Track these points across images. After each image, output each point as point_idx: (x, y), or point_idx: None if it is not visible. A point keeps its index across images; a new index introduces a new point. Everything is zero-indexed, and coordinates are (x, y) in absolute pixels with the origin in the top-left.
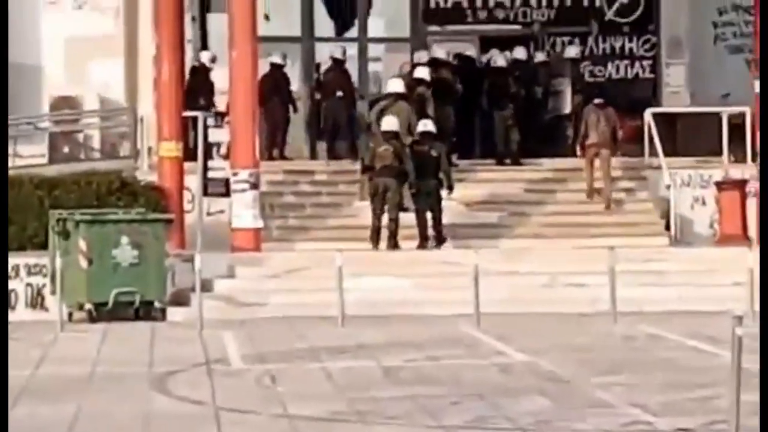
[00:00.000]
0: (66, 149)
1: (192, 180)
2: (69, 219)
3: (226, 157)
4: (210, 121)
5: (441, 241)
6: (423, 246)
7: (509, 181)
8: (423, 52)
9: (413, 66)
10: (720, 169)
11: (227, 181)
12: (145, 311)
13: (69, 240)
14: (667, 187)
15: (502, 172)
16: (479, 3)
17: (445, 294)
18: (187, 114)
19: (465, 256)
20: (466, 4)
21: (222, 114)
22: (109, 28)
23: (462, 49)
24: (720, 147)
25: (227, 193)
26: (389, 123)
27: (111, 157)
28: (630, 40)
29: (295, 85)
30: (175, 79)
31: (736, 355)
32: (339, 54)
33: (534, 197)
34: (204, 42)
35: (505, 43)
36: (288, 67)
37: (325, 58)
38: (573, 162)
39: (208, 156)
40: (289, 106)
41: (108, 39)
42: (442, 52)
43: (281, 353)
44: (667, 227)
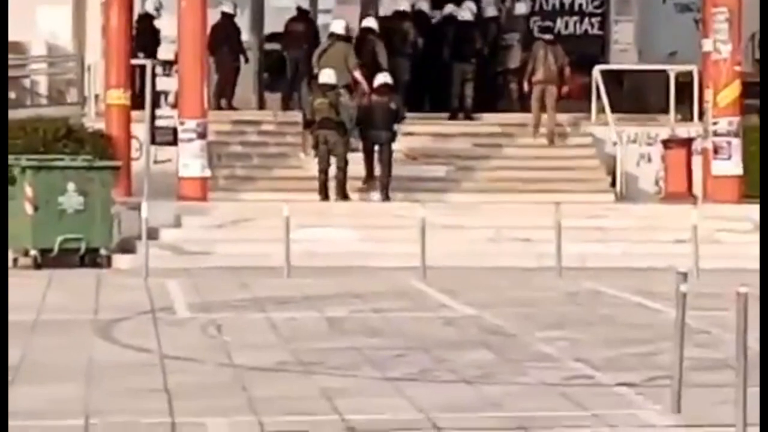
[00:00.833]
0: (12, 95)
1: (139, 128)
2: (15, 165)
3: (174, 106)
4: (158, 70)
5: (387, 197)
6: (369, 186)
7: (457, 135)
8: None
9: (363, 17)
10: (666, 127)
11: (175, 130)
12: (91, 258)
13: (15, 186)
14: (614, 144)
15: (450, 126)
16: None
17: (392, 246)
18: (136, 62)
19: (412, 209)
20: None
21: (171, 63)
22: None
23: (414, 3)
24: (667, 105)
25: (175, 142)
26: (325, 75)
27: (58, 104)
28: None
29: (245, 35)
30: (124, 27)
31: (680, 311)
32: (304, 4)
33: (481, 152)
34: None
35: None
36: (238, 17)
37: (275, 7)
38: (520, 117)
39: (156, 105)
40: (239, 56)
41: None
42: (405, 4)
43: (226, 303)
44: (613, 184)
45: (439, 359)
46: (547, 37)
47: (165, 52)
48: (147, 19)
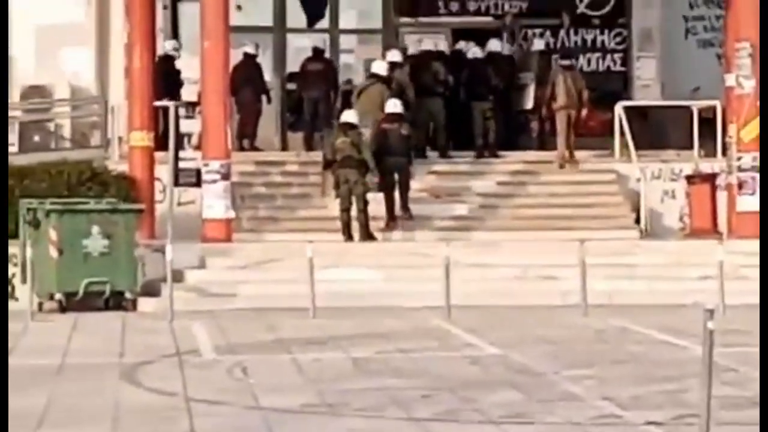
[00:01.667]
0: (36, 138)
1: (163, 170)
2: (39, 208)
3: (197, 148)
4: (181, 111)
5: (409, 217)
6: (390, 227)
7: (480, 174)
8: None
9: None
10: (690, 163)
11: (198, 172)
12: (116, 301)
13: (39, 229)
14: (638, 180)
15: (472, 164)
16: None
17: (416, 286)
18: (159, 103)
19: (436, 247)
20: None
21: (194, 104)
22: (80, 16)
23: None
24: (690, 141)
25: (198, 184)
26: (346, 115)
27: (81, 147)
28: (601, 33)
29: (267, 76)
30: (147, 69)
31: (707, 349)
32: (320, 44)
33: (505, 190)
34: (175, 31)
35: (478, 36)
36: (260, 57)
37: (296, 47)
38: (543, 155)
39: (179, 146)
40: (262, 96)
41: (79, 27)
42: (430, 43)
43: (252, 344)
44: (638, 220)
45: (466, 399)
46: (565, 63)
47: (187, 93)
48: (168, 61)
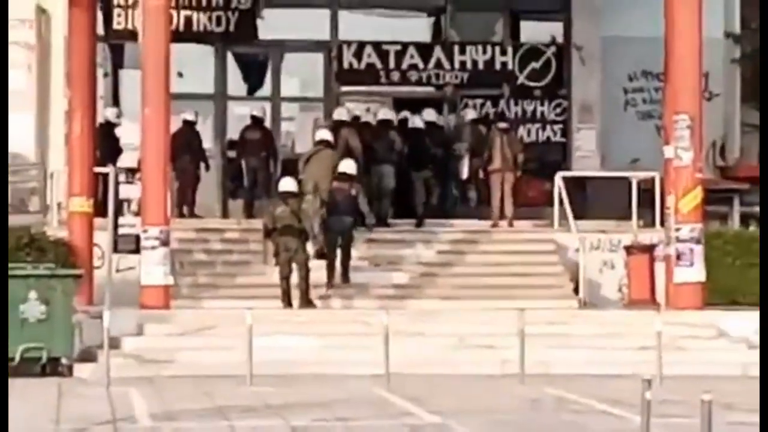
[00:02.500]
0: None
1: (102, 236)
2: None
3: (136, 214)
4: (121, 177)
5: (347, 279)
6: (329, 291)
7: (420, 242)
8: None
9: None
10: (629, 234)
11: (137, 238)
12: (52, 368)
13: None
14: (577, 251)
15: (412, 233)
16: (392, 64)
17: (356, 354)
18: (99, 170)
19: (375, 315)
20: (379, 65)
21: (133, 170)
22: (21, 82)
23: (375, 110)
24: (629, 211)
25: (137, 250)
26: (286, 184)
27: (20, 212)
28: (541, 104)
29: (208, 143)
30: (87, 135)
31: (644, 419)
32: (258, 112)
33: (445, 258)
34: (116, 98)
35: (419, 105)
36: (200, 125)
37: (237, 115)
38: (482, 224)
39: (118, 212)
40: (200, 163)
41: (19, 94)
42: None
43: (189, 412)
44: (576, 290)
45: None
46: (502, 126)
47: (127, 159)
48: (108, 127)
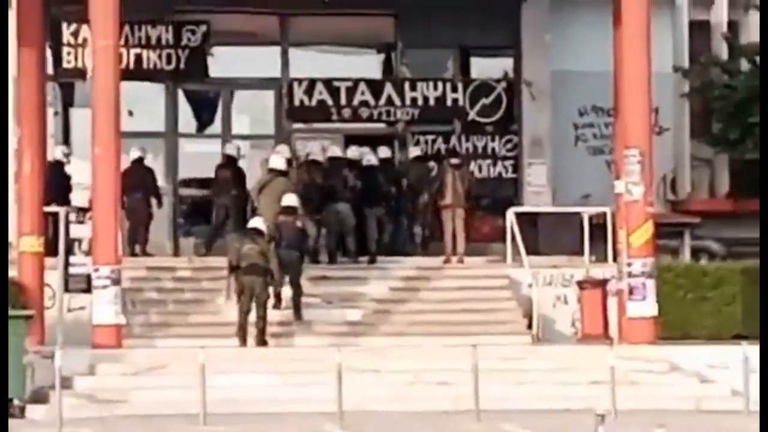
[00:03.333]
0: None
1: (53, 275)
2: None
3: (87, 253)
4: (72, 217)
5: (299, 316)
6: (277, 307)
7: (372, 279)
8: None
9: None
10: (581, 269)
11: (89, 277)
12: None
13: None
14: (530, 286)
15: (365, 269)
16: (343, 101)
17: (309, 391)
18: (49, 209)
19: (329, 353)
20: (330, 102)
21: (84, 209)
22: None
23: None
24: (581, 247)
25: (89, 290)
26: (255, 222)
27: None
28: (492, 139)
29: (160, 181)
30: (37, 174)
31: None
32: (233, 151)
33: (398, 295)
34: (67, 136)
35: (370, 142)
36: (151, 162)
37: (187, 152)
38: (434, 261)
39: (69, 252)
40: (151, 200)
41: None
42: (338, 150)
43: None
44: (530, 326)
45: None
46: (454, 161)
47: (78, 198)
48: (57, 166)
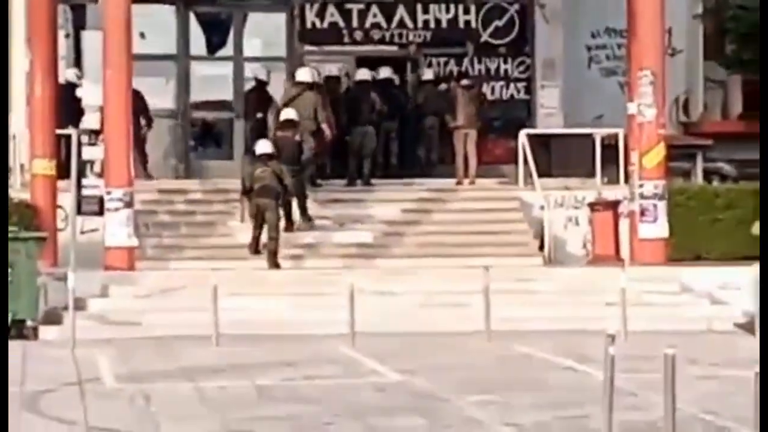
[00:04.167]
0: None
1: (65, 198)
2: None
3: (100, 175)
4: (84, 139)
5: (309, 219)
6: (289, 229)
7: (384, 201)
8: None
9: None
10: (593, 191)
11: (101, 200)
12: (17, 330)
13: None
14: (541, 208)
15: (376, 192)
16: (355, 23)
17: (321, 313)
18: (61, 131)
19: (340, 275)
20: (342, 24)
21: (96, 132)
22: None
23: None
24: (593, 168)
25: (101, 212)
26: (263, 146)
27: None
28: (505, 61)
29: (171, 103)
30: (49, 97)
31: (608, 374)
32: (263, 75)
33: (410, 217)
34: (78, 59)
35: (382, 64)
36: (163, 86)
37: (200, 76)
38: (447, 183)
39: (81, 174)
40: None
41: None
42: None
43: (155, 373)
44: (541, 247)
45: (370, 426)
46: (465, 83)
47: (89, 120)
48: (69, 88)
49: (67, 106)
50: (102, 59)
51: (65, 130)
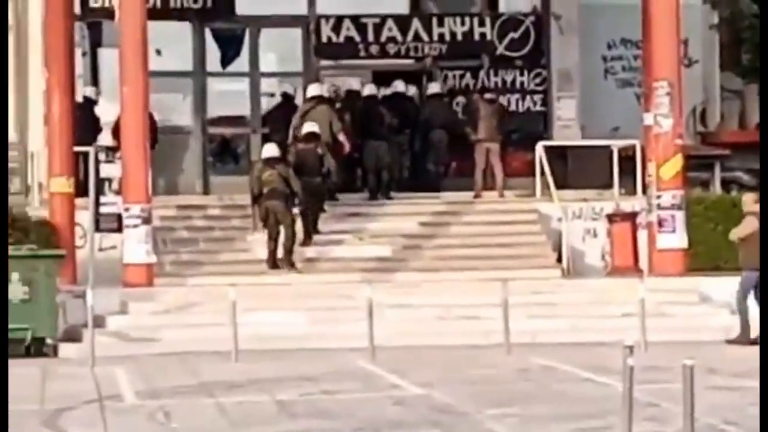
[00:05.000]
0: None
1: (83, 215)
2: None
3: (118, 193)
4: (102, 156)
5: (316, 231)
6: (307, 243)
7: (402, 215)
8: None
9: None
10: (611, 202)
11: (119, 217)
12: (37, 348)
13: None
14: (559, 220)
15: (395, 205)
16: (371, 38)
17: (340, 327)
18: (79, 149)
19: (359, 289)
20: (358, 38)
21: (113, 149)
22: None
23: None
24: (611, 180)
25: (119, 229)
26: (269, 150)
27: None
28: (521, 73)
29: (188, 119)
30: (66, 115)
31: (627, 385)
32: (290, 90)
33: (428, 230)
34: (95, 77)
35: (398, 78)
36: (180, 102)
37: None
38: (464, 196)
39: (99, 191)
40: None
41: None
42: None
43: (174, 389)
44: (559, 259)
45: None
46: (487, 96)
47: (106, 138)
48: (87, 105)
49: (85, 123)
50: (119, 76)
51: (83, 147)
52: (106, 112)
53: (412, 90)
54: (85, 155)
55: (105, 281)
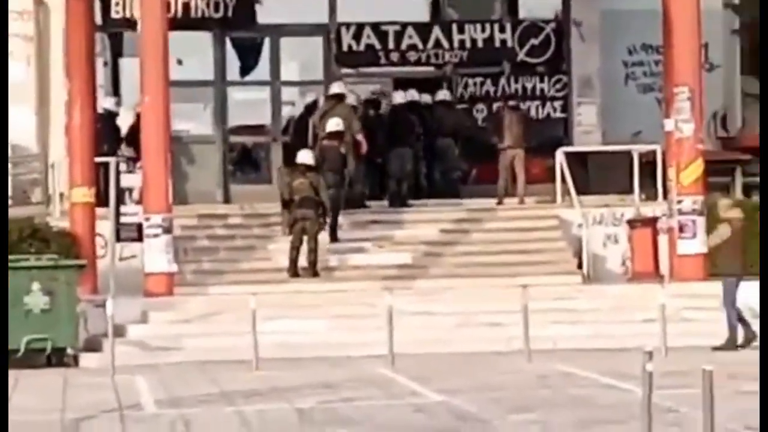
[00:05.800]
0: None
1: (104, 225)
2: None
3: (138, 202)
4: (122, 167)
5: (335, 237)
6: (335, 239)
7: (423, 222)
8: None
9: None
10: (632, 207)
11: (140, 226)
12: (58, 358)
13: None
14: (580, 226)
15: (415, 213)
16: (392, 45)
17: (360, 335)
18: (99, 159)
19: (379, 296)
20: (378, 46)
21: (134, 159)
22: (21, 74)
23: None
24: (631, 185)
25: (140, 238)
26: (303, 157)
27: (22, 204)
28: (542, 80)
29: (209, 128)
30: (87, 125)
31: (646, 390)
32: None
33: (448, 237)
34: (116, 87)
35: (419, 85)
36: (201, 111)
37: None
38: (485, 203)
39: (120, 201)
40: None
41: (19, 86)
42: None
43: (195, 398)
44: (580, 265)
45: None
46: (512, 104)
47: (126, 148)
48: (108, 116)
49: (106, 134)
50: (139, 86)
51: (104, 158)
52: (126, 122)
53: (426, 97)
54: (106, 165)
55: (126, 291)
